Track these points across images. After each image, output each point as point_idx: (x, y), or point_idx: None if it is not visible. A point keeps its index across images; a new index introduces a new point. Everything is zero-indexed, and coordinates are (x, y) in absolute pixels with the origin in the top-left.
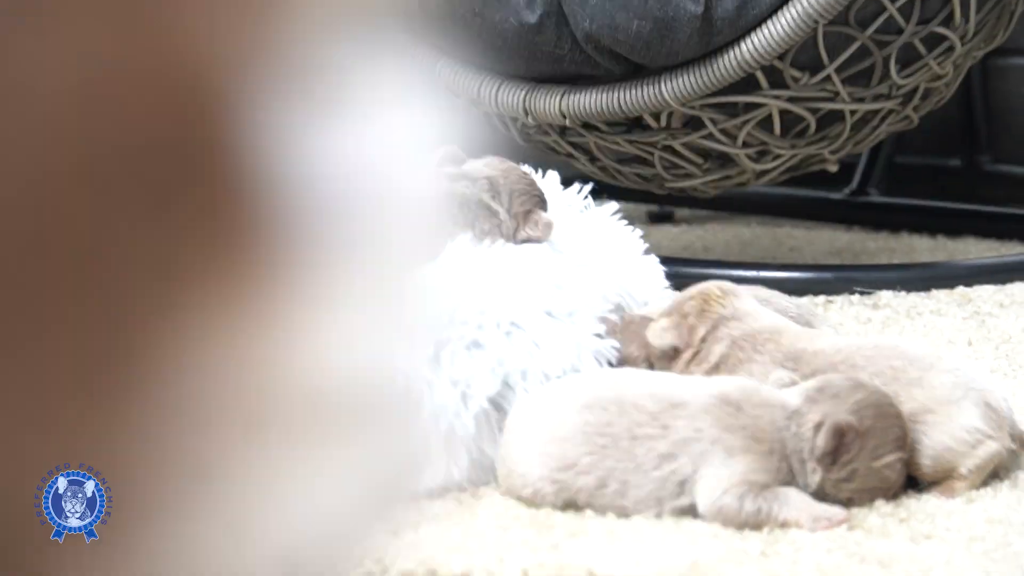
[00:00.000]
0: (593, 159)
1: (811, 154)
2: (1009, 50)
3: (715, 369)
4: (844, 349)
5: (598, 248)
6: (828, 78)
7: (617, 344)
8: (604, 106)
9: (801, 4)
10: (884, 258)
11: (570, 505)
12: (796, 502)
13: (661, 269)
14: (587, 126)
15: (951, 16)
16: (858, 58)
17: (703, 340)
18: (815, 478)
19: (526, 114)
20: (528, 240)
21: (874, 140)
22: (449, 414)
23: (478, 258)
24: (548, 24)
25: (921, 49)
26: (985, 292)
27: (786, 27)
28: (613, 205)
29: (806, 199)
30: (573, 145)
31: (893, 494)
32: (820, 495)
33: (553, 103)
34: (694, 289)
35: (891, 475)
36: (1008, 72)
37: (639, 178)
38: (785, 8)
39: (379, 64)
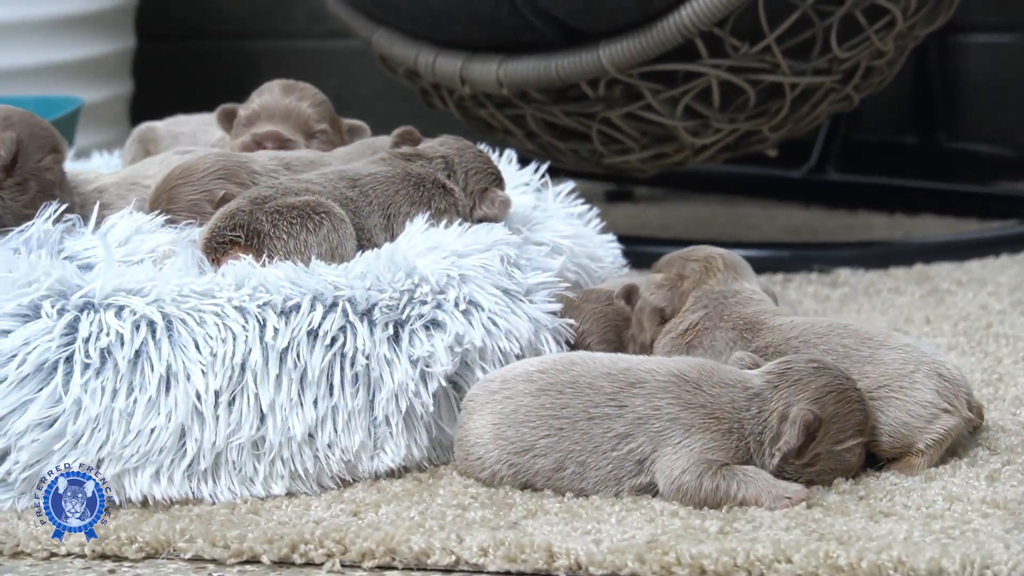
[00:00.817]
0: (530, 134)
1: (750, 130)
2: (968, 27)
3: (682, 335)
4: (799, 326)
5: (555, 227)
6: (768, 48)
7: (573, 322)
8: (541, 73)
9: None
10: (842, 236)
11: (529, 487)
12: (756, 480)
13: (618, 247)
14: (524, 96)
15: None
16: (799, 28)
17: (686, 309)
18: (774, 461)
19: (463, 83)
20: (484, 218)
21: (814, 120)
22: (408, 393)
23: (435, 237)
24: None
25: (863, 22)
26: (943, 269)
27: None
28: (570, 183)
29: (764, 177)
30: (511, 119)
31: (853, 475)
32: (779, 476)
33: (490, 71)
34: (700, 252)
35: (851, 458)
36: (967, 50)
37: (576, 155)
38: None
39: None
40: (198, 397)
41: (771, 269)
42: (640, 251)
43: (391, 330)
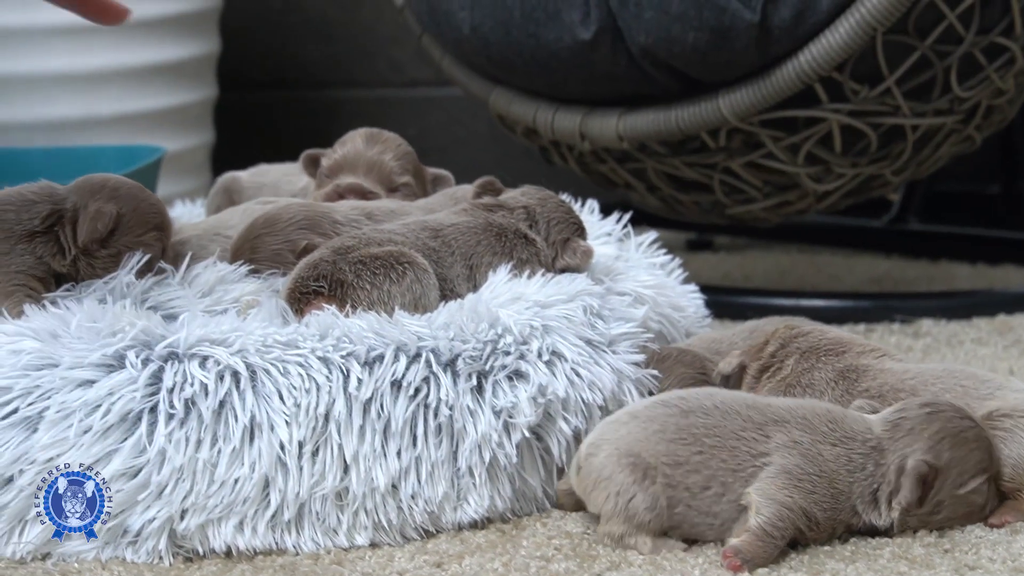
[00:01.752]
0: (652, 188)
1: (873, 175)
2: None
3: (784, 382)
4: (912, 369)
5: (637, 277)
6: (888, 91)
7: (657, 374)
8: (661, 125)
9: (859, 11)
10: (924, 286)
11: (662, 513)
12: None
13: (701, 297)
14: (644, 149)
15: (1011, 26)
16: (918, 70)
17: (773, 355)
18: (895, 515)
19: (582, 138)
20: (567, 268)
21: (936, 163)
22: (492, 444)
23: (517, 287)
24: (603, 40)
25: (982, 60)
26: None
27: (844, 35)
28: (652, 233)
29: (845, 227)
30: (631, 172)
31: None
32: (903, 527)
33: (610, 125)
34: (778, 318)
35: (978, 499)
36: None
37: (699, 207)
38: (843, 16)
39: None
40: (282, 448)
41: (853, 319)
42: (722, 301)
43: (474, 381)
